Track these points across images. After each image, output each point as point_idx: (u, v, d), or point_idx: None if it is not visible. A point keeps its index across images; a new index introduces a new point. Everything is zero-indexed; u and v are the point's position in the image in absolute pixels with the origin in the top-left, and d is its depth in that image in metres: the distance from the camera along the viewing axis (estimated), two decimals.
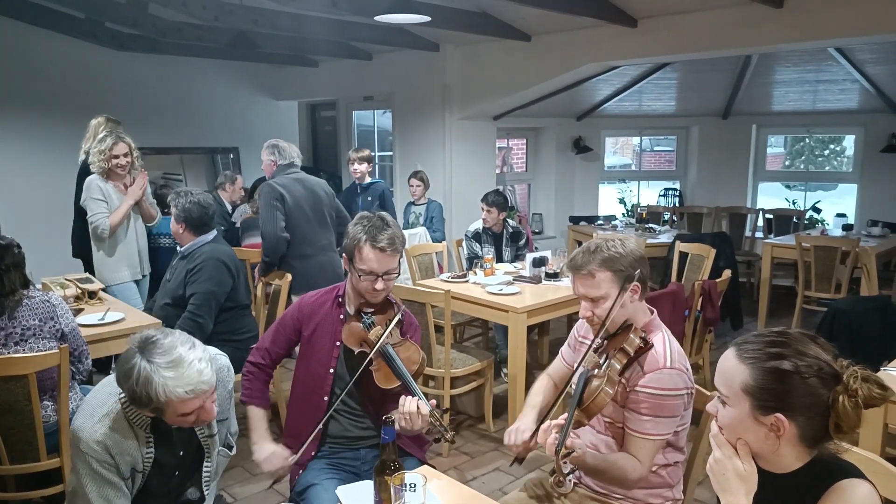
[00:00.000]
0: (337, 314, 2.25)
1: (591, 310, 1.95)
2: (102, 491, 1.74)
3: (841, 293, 5.35)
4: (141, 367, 1.62)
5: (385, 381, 2.09)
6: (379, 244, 2.09)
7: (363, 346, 2.14)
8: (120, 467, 1.76)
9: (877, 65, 5.89)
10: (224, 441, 2.05)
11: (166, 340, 1.67)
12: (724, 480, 1.28)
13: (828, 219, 7.55)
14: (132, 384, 1.63)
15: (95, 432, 1.72)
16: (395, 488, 1.57)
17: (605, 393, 1.73)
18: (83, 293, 3.59)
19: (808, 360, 1.23)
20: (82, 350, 2.77)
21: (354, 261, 2.14)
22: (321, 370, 2.21)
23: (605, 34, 5.19)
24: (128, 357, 1.65)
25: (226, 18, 5.00)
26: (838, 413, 1.21)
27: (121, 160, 4.11)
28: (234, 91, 8.14)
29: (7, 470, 2.52)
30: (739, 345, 1.30)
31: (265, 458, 2.15)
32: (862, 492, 1.21)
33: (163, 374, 1.62)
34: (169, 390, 1.62)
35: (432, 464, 2.19)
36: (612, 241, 1.97)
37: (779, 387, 1.23)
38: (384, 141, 8.56)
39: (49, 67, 6.77)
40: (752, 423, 1.26)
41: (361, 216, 2.19)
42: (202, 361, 1.68)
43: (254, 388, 2.30)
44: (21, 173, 6.75)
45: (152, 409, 1.68)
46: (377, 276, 2.11)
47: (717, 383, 1.32)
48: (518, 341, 3.64)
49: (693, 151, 8.26)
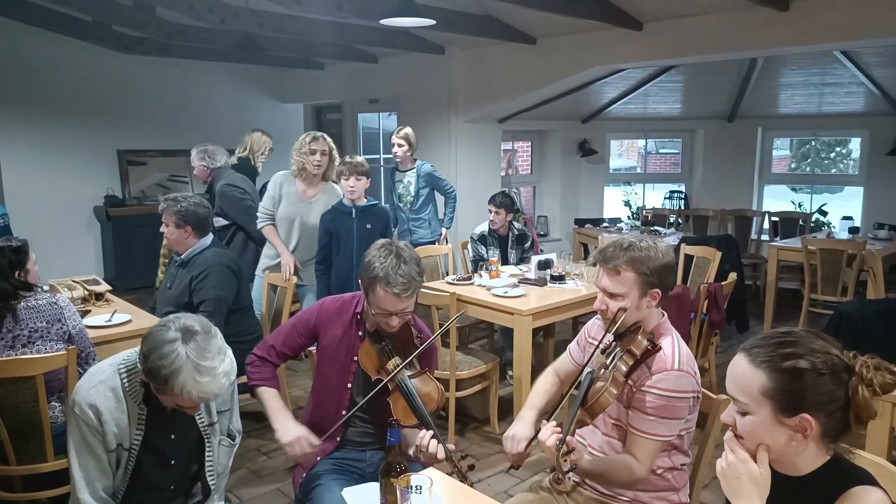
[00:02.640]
0: (356, 330, 2.21)
1: (606, 303, 1.95)
2: (83, 459, 1.78)
3: (847, 296, 5.33)
4: (178, 356, 1.65)
5: (403, 416, 2.04)
6: (394, 289, 2.01)
7: (380, 373, 2.10)
8: (106, 436, 1.77)
9: (882, 68, 5.87)
10: (226, 432, 2.04)
11: (206, 343, 1.70)
12: (737, 484, 1.26)
13: (834, 221, 7.53)
14: (161, 363, 1.65)
15: (90, 395, 1.76)
16: (401, 490, 1.57)
17: (608, 393, 1.73)
18: (90, 295, 3.61)
19: (821, 355, 1.23)
20: (89, 352, 2.78)
21: (369, 294, 2.07)
22: (339, 383, 2.18)
23: (610, 37, 5.19)
24: (167, 337, 1.67)
25: (232, 21, 5.02)
26: (858, 404, 1.21)
27: (317, 157, 4.10)
28: (239, 94, 8.18)
29: (14, 470, 2.53)
30: (749, 349, 1.29)
31: (291, 442, 2.05)
32: (874, 499, 1.21)
33: (191, 374, 1.65)
34: (187, 389, 1.66)
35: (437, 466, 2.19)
36: (645, 242, 1.94)
37: (799, 386, 1.22)
38: (389, 144, 8.57)
39: (56, 70, 6.81)
40: (777, 426, 1.24)
41: (382, 245, 2.10)
42: (225, 377, 1.72)
43: (262, 372, 2.22)
44: (29, 175, 6.79)
45: (156, 388, 1.71)
46: (391, 314, 2.07)
47: (733, 392, 1.30)
48: (523, 344, 3.64)
49: (699, 154, 8.24)
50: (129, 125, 7.37)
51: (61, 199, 6.99)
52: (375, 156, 8.79)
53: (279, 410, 2.14)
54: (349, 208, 3.93)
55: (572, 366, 2.21)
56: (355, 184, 3.84)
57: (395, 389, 2.08)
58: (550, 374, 2.26)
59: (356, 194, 3.89)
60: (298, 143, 4.13)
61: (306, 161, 4.07)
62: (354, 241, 3.90)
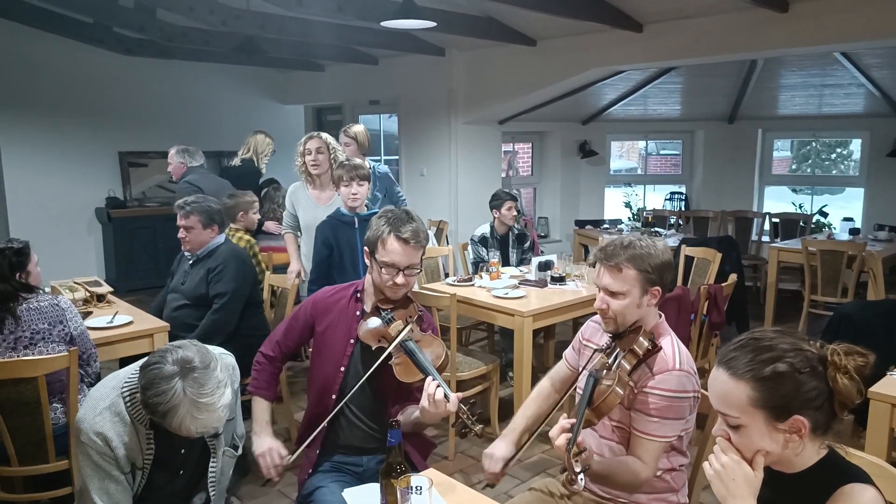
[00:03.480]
0: (353, 310, 2.21)
1: (607, 303, 1.95)
2: (103, 484, 1.75)
3: (847, 297, 5.33)
4: (175, 393, 1.61)
5: (406, 374, 2.02)
6: (403, 235, 2.07)
7: (381, 341, 2.10)
8: (119, 461, 1.77)
9: (882, 69, 5.88)
10: (230, 442, 2.05)
11: (205, 377, 1.65)
12: (733, 486, 1.27)
13: (834, 223, 7.53)
14: (159, 399, 1.62)
15: (96, 424, 1.74)
16: (401, 491, 1.57)
17: (615, 393, 1.73)
18: (92, 296, 3.61)
19: (795, 353, 1.25)
20: (91, 353, 2.79)
21: (377, 253, 2.11)
22: (331, 369, 2.18)
23: (610, 39, 5.20)
24: (165, 373, 1.63)
25: (233, 23, 5.04)
26: (840, 391, 1.23)
27: (313, 156, 3.98)
28: (240, 95, 8.19)
29: (16, 471, 2.54)
30: (726, 362, 1.28)
31: (262, 453, 2.11)
32: (868, 497, 1.22)
33: (189, 410, 1.63)
34: (185, 426, 1.64)
35: (438, 467, 2.19)
36: (645, 240, 1.96)
37: (784, 389, 1.23)
38: (390, 145, 8.59)
39: (57, 72, 6.82)
40: (772, 432, 1.25)
41: (385, 211, 2.17)
42: (224, 409, 1.70)
43: (261, 379, 2.26)
44: (31, 177, 6.80)
45: (155, 420, 1.70)
46: (399, 270, 2.10)
47: (720, 408, 1.30)
48: (524, 345, 3.65)
49: (699, 155, 8.25)
50: (130, 127, 7.39)
51: (63, 200, 7.01)
52: (376, 157, 8.80)
53: (262, 424, 2.18)
54: (351, 218, 3.48)
55: (568, 371, 2.21)
56: (357, 190, 3.43)
57: (398, 351, 2.06)
58: (545, 384, 2.25)
59: (358, 202, 3.47)
60: (298, 146, 4.13)
61: (306, 162, 4.03)
62: (359, 254, 3.41)
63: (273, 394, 2.28)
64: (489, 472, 1.95)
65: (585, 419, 1.73)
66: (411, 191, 6.76)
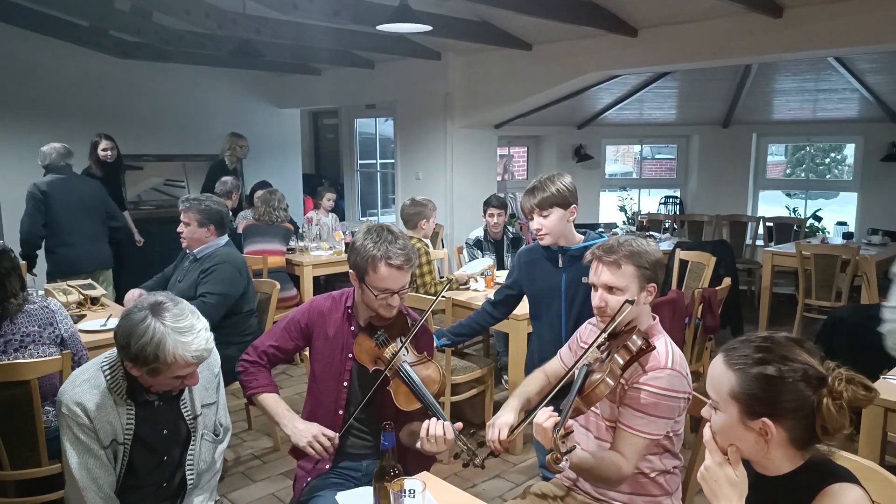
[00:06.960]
0: (347, 326, 2.17)
1: (605, 300, 1.97)
2: (83, 459, 1.78)
3: (841, 301, 5.35)
4: (155, 328, 1.68)
5: (405, 402, 2.01)
6: (395, 262, 1.99)
7: (377, 363, 2.06)
8: (99, 433, 1.78)
9: (876, 74, 5.91)
10: (213, 428, 2.03)
11: (176, 308, 1.75)
12: (717, 487, 1.30)
13: (828, 227, 7.56)
14: (143, 342, 1.67)
15: (75, 394, 1.77)
16: (394, 494, 1.57)
17: (605, 384, 1.74)
18: (86, 299, 3.61)
19: (793, 364, 1.25)
20: (82, 355, 2.77)
21: (367, 278, 2.03)
22: (334, 384, 2.14)
23: (605, 43, 5.22)
24: (138, 317, 1.71)
25: (229, 27, 5.04)
26: (823, 416, 1.23)
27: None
28: (236, 99, 8.18)
29: (8, 475, 2.53)
30: (728, 351, 1.32)
31: (310, 442, 2.01)
32: (852, 496, 1.22)
33: (175, 338, 1.69)
34: (179, 354, 1.69)
35: (431, 470, 2.19)
36: (637, 239, 2.02)
37: (764, 392, 1.25)
38: (386, 149, 8.60)
39: (53, 75, 6.81)
40: (742, 428, 1.28)
41: (369, 229, 2.08)
42: (206, 331, 1.77)
43: (259, 378, 2.18)
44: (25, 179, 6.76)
45: (151, 369, 1.72)
46: (393, 293, 2.05)
47: (708, 389, 1.35)
48: (519, 348, 3.65)
49: (694, 160, 8.28)
50: (125, 130, 7.34)
51: None
52: (372, 161, 8.81)
53: (285, 413, 2.10)
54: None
55: (562, 369, 2.22)
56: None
57: (395, 376, 2.04)
58: (539, 373, 2.26)
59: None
60: None
61: None
62: None
63: (275, 388, 2.22)
64: (495, 440, 1.93)
65: (574, 407, 1.75)
66: (407, 194, 6.75)
